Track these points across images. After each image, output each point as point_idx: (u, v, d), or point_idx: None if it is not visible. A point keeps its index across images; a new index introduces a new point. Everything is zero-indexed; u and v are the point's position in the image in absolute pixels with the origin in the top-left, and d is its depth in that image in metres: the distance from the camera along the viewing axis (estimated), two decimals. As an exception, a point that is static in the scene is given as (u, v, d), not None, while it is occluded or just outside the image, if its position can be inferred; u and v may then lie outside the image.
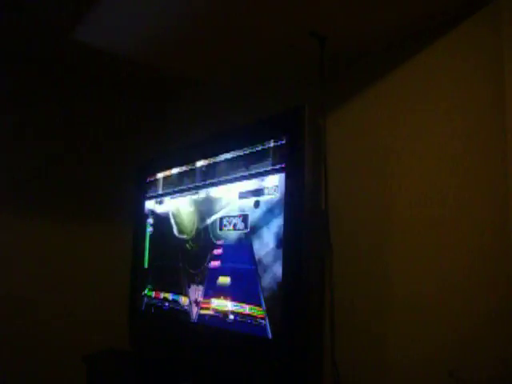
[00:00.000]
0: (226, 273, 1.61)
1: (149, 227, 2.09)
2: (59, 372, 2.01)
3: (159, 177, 2.07)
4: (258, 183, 1.52)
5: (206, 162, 1.80)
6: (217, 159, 1.74)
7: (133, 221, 2.20)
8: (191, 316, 1.74)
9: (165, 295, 1.92)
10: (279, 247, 1.41)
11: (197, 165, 1.85)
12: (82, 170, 2.20)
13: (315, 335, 1.53)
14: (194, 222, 1.84)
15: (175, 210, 1.96)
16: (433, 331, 1.28)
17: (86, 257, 2.16)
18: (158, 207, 2.06)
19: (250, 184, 1.55)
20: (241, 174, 1.60)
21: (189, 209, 1.87)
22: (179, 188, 1.94)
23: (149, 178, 2.14)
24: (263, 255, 1.47)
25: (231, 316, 1.54)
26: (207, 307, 1.66)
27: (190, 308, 1.75)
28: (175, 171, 1.98)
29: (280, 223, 1.41)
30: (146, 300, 2.05)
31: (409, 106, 1.43)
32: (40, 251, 2.05)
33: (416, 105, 1.41)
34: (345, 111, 1.62)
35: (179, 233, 1.92)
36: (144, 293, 2.06)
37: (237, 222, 1.58)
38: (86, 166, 2.22)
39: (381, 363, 1.40)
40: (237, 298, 1.54)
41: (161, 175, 2.06)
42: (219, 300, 1.61)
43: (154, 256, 2.06)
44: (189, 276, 1.80)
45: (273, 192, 1.46)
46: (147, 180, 2.15)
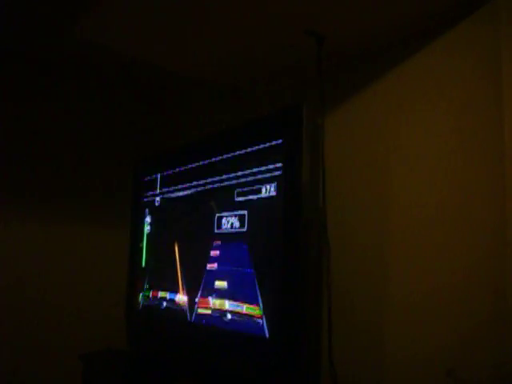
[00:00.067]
0: (224, 272, 1.61)
1: (146, 226, 2.09)
2: (55, 370, 2.00)
3: (157, 176, 2.06)
4: (256, 182, 1.52)
5: (204, 161, 1.79)
6: (215, 158, 1.74)
7: (130, 220, 2.19)
8: (188, 315, 1.74)
9: (162, 294, 1.92)
10: (276, 246, 1.41)
11: (194, 164, 1.84)
12: (79, 169, 2.20)
13: (312, 335, 1.53)
14: (192, 221, 1.83)
15: (173, 209, 1.96)
16: (431, 331, 1.28)
17: (83, 256, 2.16)
18: (156, 206, 2.05)
19: (248, 183, 1.55)
20: (238, 173, 1.60)
21: (186, 208, 1.87)
22: (176, 187, 1.93)
23: (146, 177, 2.13)
24: (260, 254, 1.47)
25: (228, 315, 1.54)
26: (204, 306, 1.66)
27: (188, 307, 1.75)
28: (173, 170, 1.97)
29: (277, 223, 1.41)
30: (144, 299, 2.04)
31: (407, 106, 1.43)
32: (36, 250, 2.04)
33: (414, 104, 1.41)
34: (343, 110, 1.62)
35: (176, 232, 1.91)
36: (141, 292, 2.05)
37: (234, 222, 1.58)
38: (83, 165, 2.21)
39: (379, 363, 1.40)
40: (234, 298, 1.54)
41: (158, 174, 2.05)
42: (216, 299, 1.61)
43: (152, 255, 2.06)
44: (186, 275, 1.80)
45: (271, 191, 1.45)
46: (144, 179, 2.14)
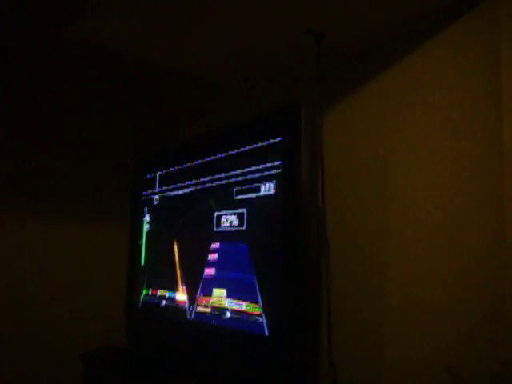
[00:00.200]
0: (223, 270, 1.61)
1: (146, 224, 2.08)
2: (55, 369, 2.00)
3: (156, 174, 2.06)
4: (255, 181, 1.52)
5: (203, 160, 1.79)
6: (214, 157, 1.73)
7: (130, 218, 2.19)
8: (188, 313, 1.74)
9: (161, 293, 1.92)
10: (275, 244, 1.41)
11: (193, 162, 1.84)
12: (78, 168, 2.19)
13: (312, 333, 1.53)
14: (191, 220, 1.83)
15: (172, 208, 1.96)
16: (430, 331, 1.28)
17: (83, 254, 2.16)
18: (155, 205, 2.05)
19: (247, 181, 1.55)
20: (237, 172, 1.59)
21: (185, 206, 1.87)
22: (176, 185, 1.93)
23: (145, 176, 2.13)
24: (259, 253, 1.47)
25: (228, 313, 1.54)
26: (204, 304, 1.66)
27: (187, 305, 1.75)
28: (172, 169, 1.97)
29: (276, 221, 1.41)
30: (143, 297, 2.04)
31: (406, 104, 1.42)
32: (36, 249, 2.04)
33: (414, 103, 1.40)
34: (342, 109, 1.61)
35: (176, 230, 1.91)
36: (141, 290, 2.06)
37: (233, 220, 1.58)
38: (82, 164, 2.21)
39: (378, 362, 1.40)
40: (233, 295, 1.54)
41: (157, 172, 2.05)
42: (216, 298, 1.61)
43: (151, 253, 2.06)
44: (185, 273, 1.80)
45: (270, 189, 1.45)
46: (144, 177, 2.14)
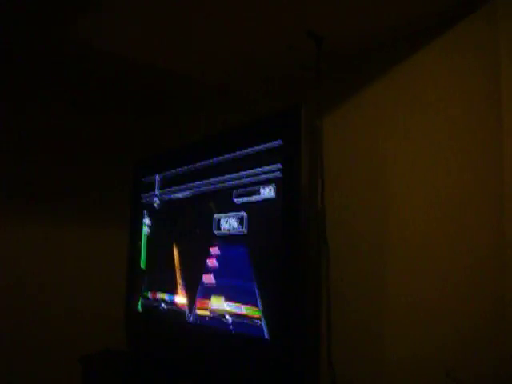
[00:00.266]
0: (222, 273, 1.61)
1: (145, 227, 2.08)
2: (55, 372, 2.00)
3: (155, 177, 2.06)
4: (255, 184, 1.52)
5: (203, 163, 1.79)
6: (213, 160, 1.73)
7: (129, 221, 2.19)
8: (187, 316, 1.74)
9: (161, 296, 1.92)
10: (275, 247, 1.41)
11: (193, 165, 1.84)
12: (78, 170, 2.20)
13: (312, 335, 1.53)
14: (190, 223, 1.83)
15: (171, 211, 1.96)
16: (430, 331, 1.28)
17: (83, 257, 2.16)
18: (155, 207, 2.05)
19: (247, 184, 1.55)
20: (237, 175, 1.60)
21: (185, 209, 1.87)
22: (175, 188, 1.93)
23: (145, 178, 2.13)
24: (259, 256, 1.47)
25: (227, 316, 1.54)
26: (203, 308, 1.66)
27: (187, 308, 1.75)
28: (171, 171, 1.97)
29: (276, 224, 1.41)
30: (143, 300, 2.04)
31: (406, 106, 1.43)
32: (36, 251, 2.04)
33: (413, 105, 1.41)
34: (342, 111, 1.61)
35: (175, 233, 1.91)
36: (141, 293, 2.05)
37: (233, 223, 1.58)
38: (82, 166, 2.21)
39: (377, 363, 1.40)
40: (232, 298, 1.54)
41: (157, 175, 2.05)
42: (215, 301, 1.60)
43: (151, 256, 2.06)
44: (185, 276, 1.80)
45: (269, 192, 1.45)
46: (143, 180, 2.14)
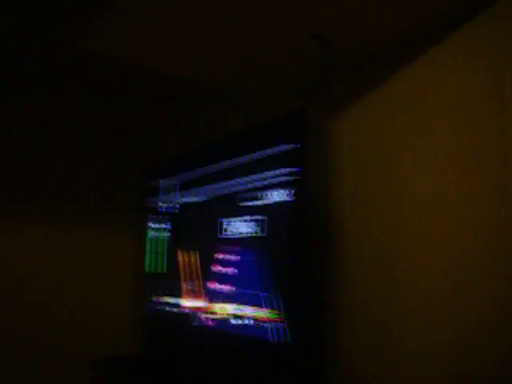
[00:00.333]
0: (232, 275, 1.60)
1: (150, 231, 2.08)
2: (63, 378, 1.98)
3: (162, 181, 2.06)
4: (264, 187, 1.52)
5: (211, 166, 1.79)
6: (221, 163, 1.74)
7: (135, 225, 2.19)
8: (193, 320, 1.72)
9: (166, 299, 1.91)
10: (287, 248, 1.42)
11: (201, 169, 1.84)
12: (83, 173, 2.20)
13: (329, 337, 1.52)
14: (197, 226, 1.83)
15: (177, 214, 1.96)
16: (443, 331, 1.27)
17: (90, 261, 2.15)
18: (160, 211, 2.05)
19: (255, 188, 1.55)
20: (245, 179, 1.60)
21: (191, 213, 1.87)
22: (182, 192, 1.93)
23: (151, 182, 2.13)
24: (276, 258, 1.47)
25: (235, 319, 1.53)
26: (215, 311, 1.65)
27: (193, 312, 1.74)
28: (176, 175, 1.97)
29: (288, 225, 1.42)
30: (150, 304, 2.03)
31: (413, 108, 1.43)
32: (44, 256, 2.04)
33: (420, 106, 1.42)
34: (350, 113, 1.62)
35: (181, 236, 1.91)
36: (146, 296, 2.04)
37: (240, 226, 1.58)
38: (86, 170, 2.21)
39: (394, 361, 1.39)
40: (242, 302, 1.53)
41: (163, 179, 2.06)
42: (229, 304, 1.60)
43: (157, 260, 2.05)
44: (190, 279, 1.79)
45: (279, 195, 1.46)
46: (149, 184, 2.14)
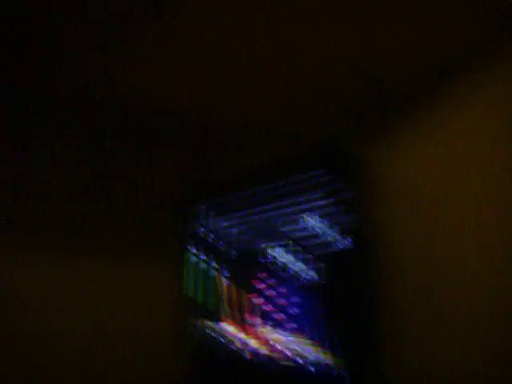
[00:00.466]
0: (291, 313, 1.59)
1: (193, 257, 2.08)
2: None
3: (203, 207, 2.08)
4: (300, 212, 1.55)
5: (253, 194, 1.82)
6: (262, 191, 1.77)
7: (177, 250, 2.19)
8: (239, 348, 1.72)
9: (211, 325, 1.91)
10: (340, 287, 1.44)
11: (244, 195, 1.87)
12: (122, 201, 2.21)
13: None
14: (243, 254, 1.84)
15: (220, 241, 1.97)
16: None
17: (130, 287, 2.14)
18: (202, 237, 2.07)
19: (292, 212, 1.59)
20: (287, 210, 1.64)
21: (235, 239, 1.89)
22: (223, 218, 1.95)
23: (193, 208, 2.15)
24: (335, 302, 1.47)
25: (286, 352, 1.54)
26: (259, 340, 1.65)
27: (239, 340, 1.74)
28: (219, 202, 2.00)
29: (349, 272, 1.44)
30: (193, 330, 2.01)
31: (454, 144, 1.42)
32: (84, 285, 2.02)
33: (462, 143, 1.40)
34: (389, 146, 1.62)
35: (226, 262, 1.92)
36: (190, 323, 2.04)
37: (283, 255, 1.60)
38: (130, 199, 2.23)
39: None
40: (293, 333, 1.54)
41: (205, 206, 2.08)
42: (278, 336, 1.60)
43: (200, 285, 2.05)
44: (237, 306, 1.80)
45: (338, 241, 1.48)
46: (191, 209, 2.16)
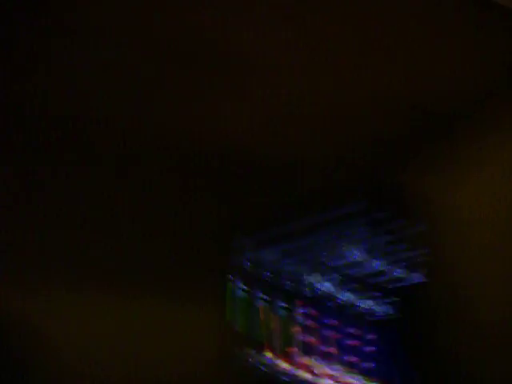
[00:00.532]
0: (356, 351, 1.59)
1: (238, 289, 2.09)
2: None
3: (247, 239, 2.09)
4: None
5: (297, 225, 1.82)
6: (307, 221, 1.78)
7: (222, 284, 2.20)
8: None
9: (261, 360, 1.91)
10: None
11: (286, 227, 1.88)
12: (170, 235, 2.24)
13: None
14: (288, 285, 1.84)
15: (264, 273, 1.98)
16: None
17: (174, 323, 2.11)
18: (250, 268, 2.07)
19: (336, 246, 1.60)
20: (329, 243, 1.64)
21: (277, 272, 1.88)
22: (268, 250, 1.95)
23: (237, 237, 2.15)
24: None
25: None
26: (311, 372, 1.64)
27: (291, 374, 1.73)
28: (264, 234, 2.01)
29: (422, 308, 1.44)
30: (242, 364, 1.99)
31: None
32: (127, 323, 1.96)
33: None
34: (444, 178, 1.60)
35: (274, 294, 1.92)
36: (238, 357, 2.03)
37: (327, 286, 1.59)
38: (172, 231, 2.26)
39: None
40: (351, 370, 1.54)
41: (250, 238, 2.08)
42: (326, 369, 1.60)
43: (247, 319, 2.05)
44: (285, 338, 1.80)
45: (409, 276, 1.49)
46: (236, 239, 2.16)
